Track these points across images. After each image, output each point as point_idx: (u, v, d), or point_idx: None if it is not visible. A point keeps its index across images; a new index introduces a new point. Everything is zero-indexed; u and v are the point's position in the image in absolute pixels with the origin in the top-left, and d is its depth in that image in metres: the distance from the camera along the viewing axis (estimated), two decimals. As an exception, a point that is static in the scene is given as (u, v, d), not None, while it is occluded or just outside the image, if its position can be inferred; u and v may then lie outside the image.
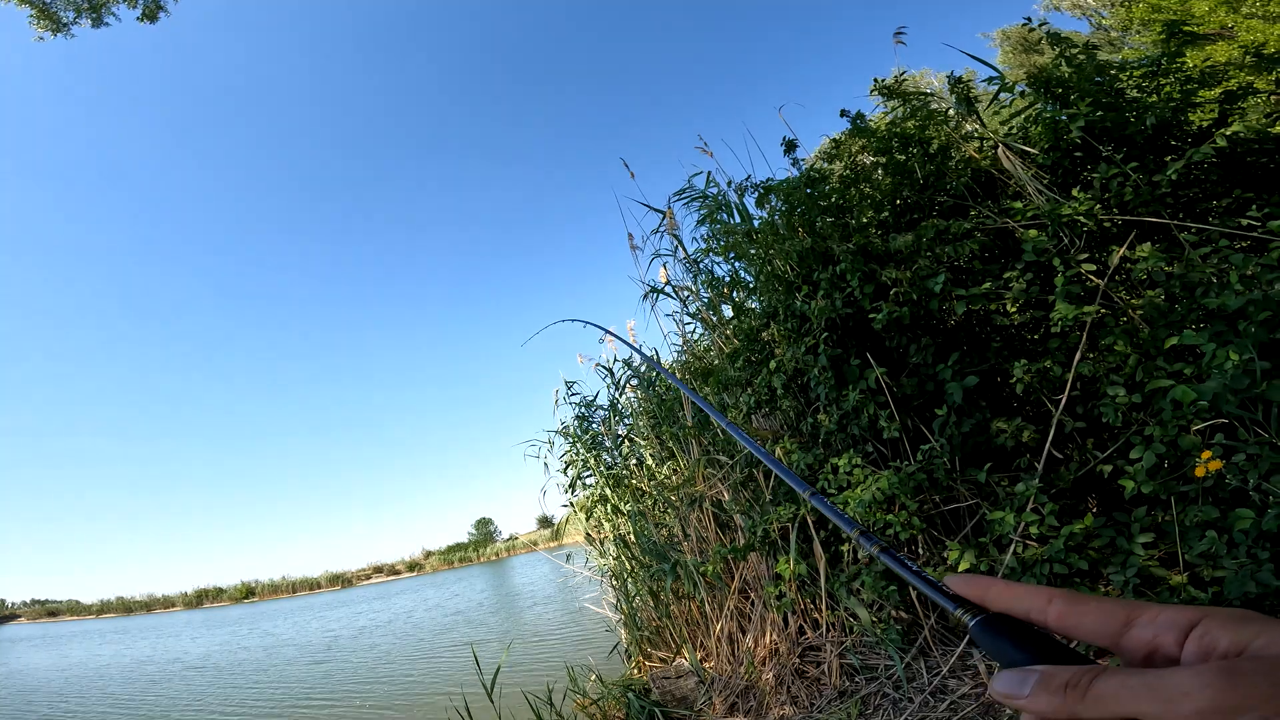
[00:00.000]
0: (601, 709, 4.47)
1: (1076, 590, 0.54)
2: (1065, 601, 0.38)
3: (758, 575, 3.88)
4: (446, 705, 5.34)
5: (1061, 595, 0.39)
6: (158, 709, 9.67)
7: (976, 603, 0.43)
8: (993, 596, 0.42)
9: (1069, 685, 0.33)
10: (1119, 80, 3.20)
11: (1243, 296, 2.15)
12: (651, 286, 5.23)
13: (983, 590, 0.43)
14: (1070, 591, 0.39)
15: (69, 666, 18.07)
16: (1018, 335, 3.34)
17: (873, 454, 3.36)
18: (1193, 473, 2.22)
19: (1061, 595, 0.39)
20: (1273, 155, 2.92)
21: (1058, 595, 0.39)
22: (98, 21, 8.15)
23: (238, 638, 20.66)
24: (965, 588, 0.44)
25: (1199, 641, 0.33)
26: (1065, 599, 0.39)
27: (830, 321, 3.34)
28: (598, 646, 7.24)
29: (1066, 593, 0.39)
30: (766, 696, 3.37)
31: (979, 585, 0.43)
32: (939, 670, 2.84)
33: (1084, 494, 3.02)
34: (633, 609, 5.34)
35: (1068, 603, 0.38)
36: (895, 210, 3.71)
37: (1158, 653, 0.35)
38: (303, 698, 8.96)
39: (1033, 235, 2.80)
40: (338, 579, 59.67)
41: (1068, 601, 0.38)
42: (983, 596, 0.43)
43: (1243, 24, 8.19)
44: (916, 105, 3.65)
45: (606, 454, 6.10)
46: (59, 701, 11.56)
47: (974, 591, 0.43)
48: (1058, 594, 0.39)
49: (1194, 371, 2.32)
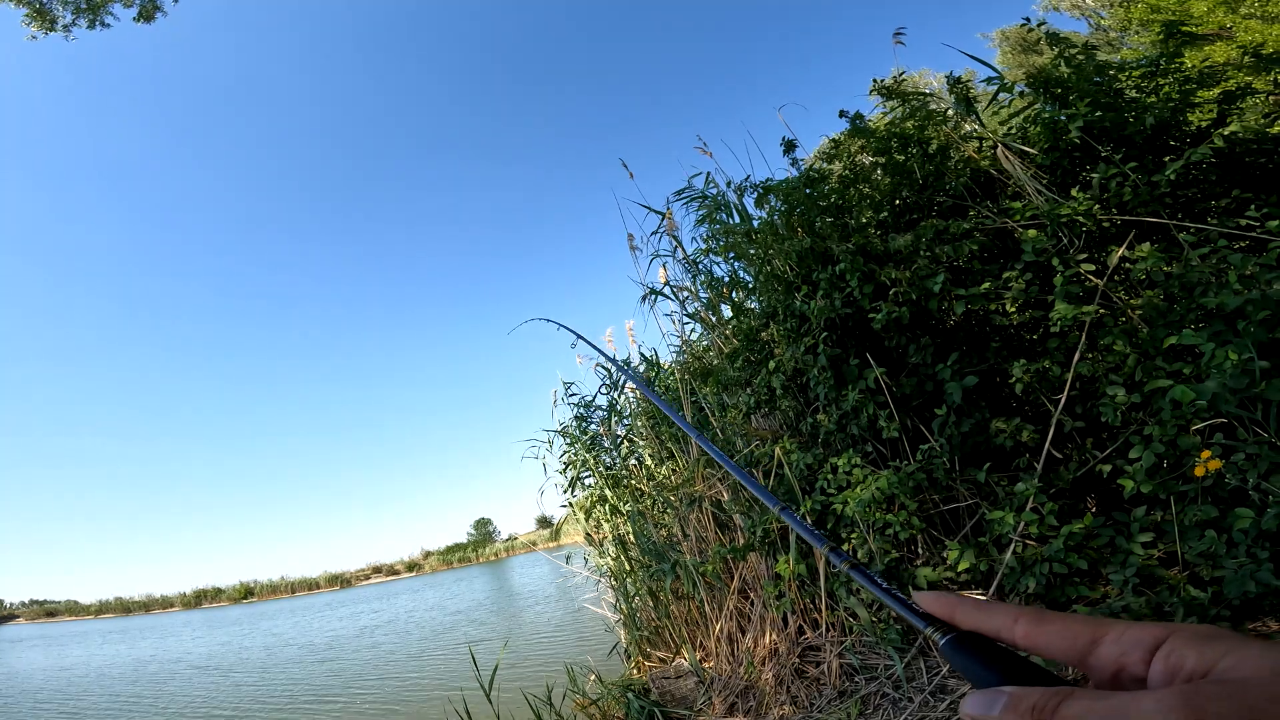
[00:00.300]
0: (601, 709, 4.47)
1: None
2: (1031, 621, 0.38)
3: (757, 575, 3.88)
4: (446, 705, 5.34)
5: (1027, 614, 0.39)
6: (164, 708, 9.66)
7: (946, 620, 0.43)
8: (960, 615, 0.42)
9: (1035, 709, 0.33)
10: (1118, 80, 3.21)
11: (1241, 296, 2.15)
12: (650, 288, 5.23)
13: (951, 608, 0.43)
14: (1037, 610, 0.39)
15: (71, 666, 18.05)
16: (1017, 335, 3.34)
17: (872, 454, 3.36)
18: (1192, 472, 2.22)
19: (1027, 614, 0.39)
20: (1271, 155, 2.92)
21: (1024, 614, 0.39)
22: (93, 23, 8.14)
23: (239, 637, 20.66)
24: (934, 605, 0.44)
25: (1165, 660, 0.33)
26: (1030, 618, 0.39)
27: (829, 321, 3.34)
28: (597, 646, 7.25)
29: (1033, 611, 0.39)
30: (766, 696, 3.37)
31: (947, 603, 0.43)
32: (938, 670, 2.84)
33: (1083, 494, 3.02)
34: (632, 609, 5.34)
35: (1033, 622, 0.38)
36: (894, 210, 3.71)
37: (1124, 671, 0.34)
38: (305, 696, 8.96)
39: (1032, 235, 2.80)
40: (336, 579, 59.59)
41: (1033, 621, 0.38)
42: (951, 615, 0.43)
43: (1241, 24, 8.21)
44: (915, 105, 3.66)
45: (605, 454, 6.10)
46: (64, 700, 11.56)
47: (942, 609, 0.43)
48: (1024, 613, 0.39)
49: (1193, 371, 2.33)
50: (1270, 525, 2.01)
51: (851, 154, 3.92)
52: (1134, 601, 2.29)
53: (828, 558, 0.59)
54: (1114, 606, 2.32)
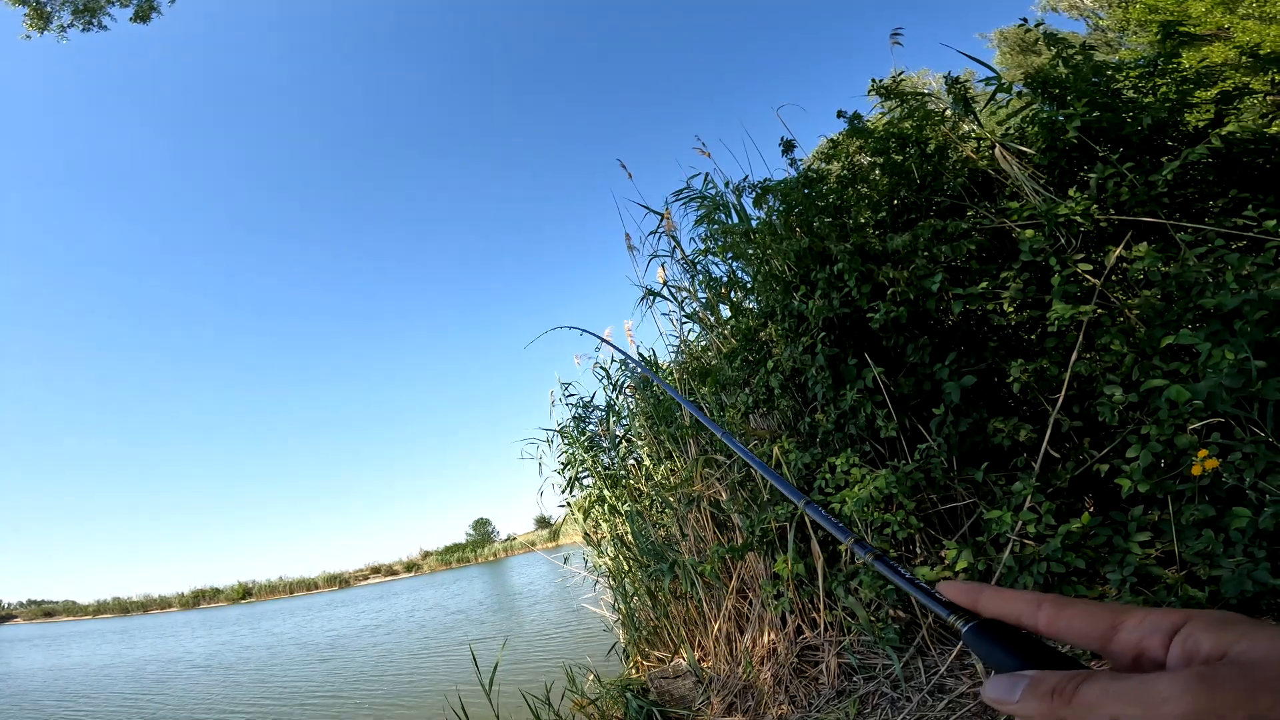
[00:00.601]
0: (599, 708, 4.47)
1: (1066, 594, 0.55)
2: (1053, 606, 0.39)
3: (755, 575, 3.88)
4: (444, 704, 5.34)
5: (1050, 600, 0.40)
6: (168, 706, 9.66)
7: (969, 608, 0.44)
8: (984, 602, 0.43)
9: (1055, 690, 0.34)
10: (1115, 81, 3.21)
11: (1238, 296, 2.15)
12: (648, 289, 5.23)
13: (974, 596, 0.44)
14: (1058, 596, 0.40)
15: (73, 666, 18.02)
16: (1014, 335, 3.35)
17: (870, 453, 3.36)
18: (1189, 472, 2.22)
19: (1050, 600, 0.40)
20: (1268, 155, 2.93)
21: (1046, 600, 0.40)
22: (89, 24, 8.13)
23: (240, 637, 20.65)
24: (957, 594, 0.45)
25: (1183, 645, 0.34)
26: (1053, 604, 0.39)
27: (828, 321, 3.34)
28: (596, 646, 7.25)
29: (1055, 598, 0.40)
30: (764, 696, 3.37)
31: (971, 591, 0.44)
32: (937, 670, 2.85)
33: (1081, 493, 3.02)
34: (630, 609, 5.34)
35: (1056, 607, 0.39)
36: (892, 210, 3.71)
37: (1144, 656, 0.35)
38: (307, 695, 8.95)
39: (1029, 235, 2.80)
40: (335, 579, 59.60)
41: (1056, 606, 0.39)
42: (974, 603, 0.44)
43: (1239, 25, 8.21)
44: (914, 105, 3.66)
45: (604, 454, 6.10)
46: (66, 701, 11.54)
47: (966, 598, 0.44)
48: (1046, 599, 0.40)
49: (1190, 371, 2.33)
50: (1267, 524, 2.01)
51: (850, 154, 3.92)
52: (1132, 601, 2.29)
53: (853, 549, 0.61)
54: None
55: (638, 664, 5.13)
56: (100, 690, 12.37)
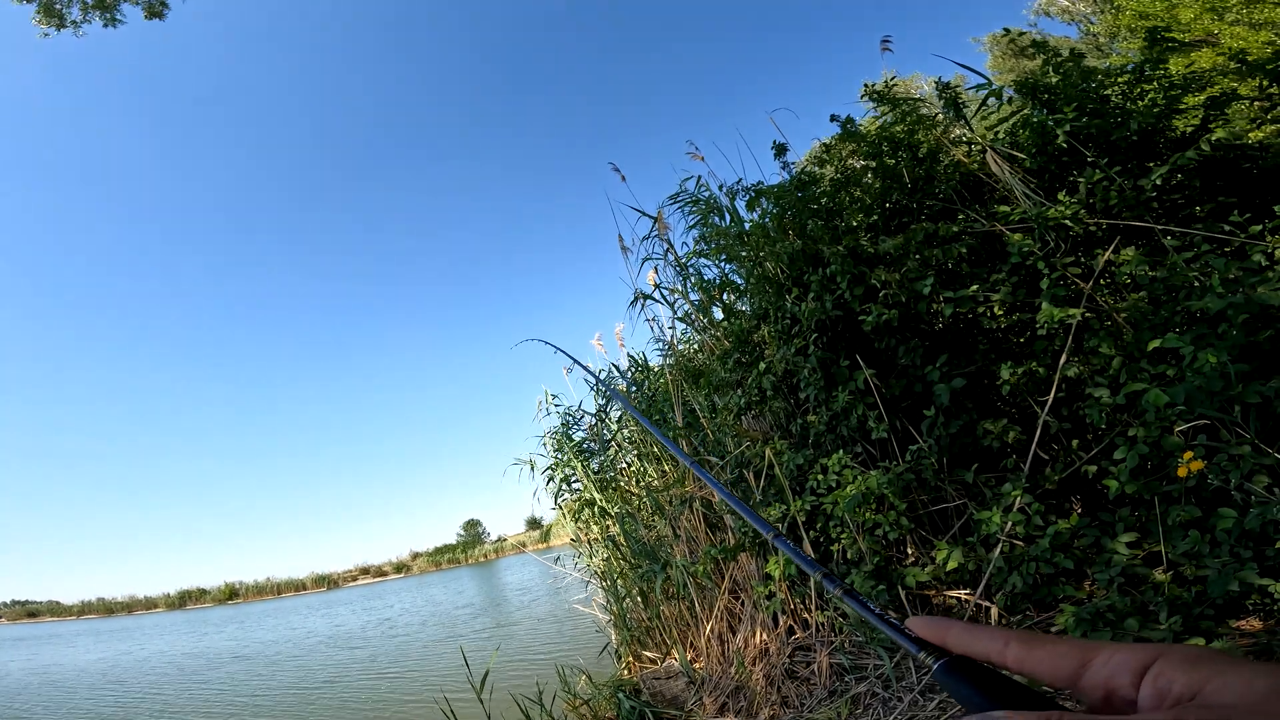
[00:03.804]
0: (592, 709, 4.47)
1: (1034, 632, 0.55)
2: (1021, 644, 0.39)
3: (747, 575, 3.89)
4: (434, 705, 5.32)
5: (1017, 638, 0.39)
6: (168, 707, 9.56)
7: (938, 645, 0.43)
8: (952, 639, 0.43)
9: None
10: (1105, 86, 3.25)
11: (1224, 299, 2.18)
12: (640, 292, 5.23)
13: (943, 632, 0.44)
14: (1027, 633, 0.39)
15: (73, 666, 17.81)
16: (1004, 338, 3.38)
17: (862, 454, 3.38)
18: (1175, 473, 2.25)
19: (1017, 638, 0.39)
20: (1255, 161, 2.96)
21: (1014, 638, 0.40)
22: (108, 21, 8.09)
23: (238, 636, 20.46)
24: (926, 630, 0.45)
25: (1154, 683, 0.33)
26: (1020, 642, 0.39)
27: (820, 323, 3.36)
28: (588, 647, 7.23)
29: (1022, 634, 0.40)
30: (757, 696, 3.38)
31: (939, 628, 0.44)
32: (927, 670, 2.86)
33: (1069, 494, 3.06)
34: (623, 610, 5.33)
35: (1024, 645, 0.39)
36: (885, 213, 3.73)
37: (1115, 694, 0.35)
38: (299, 696, 8.89)
39: (1018, 239, 2.83)
40: (323, 580, 59.13)
41: (1024, 644, 0.39)
42: (943, 639, 0.43)
43: (1227, 30, 8.32)
44: (906, 110, 3.69)
45: (594, 459, 6.10)
46: (71, 700, 11.41)
47: (935, 634, 0.44)
48: (1014, 636, 0.40)
49: (1176, 374, 2.36)
50: (1253, 525, 2.04)
51: (842, 158, 3.95)
52: (1119, 601, 2.31)
53: (823, 584, 0.60)
54: (1099, 605, 2.34)
55: (630, 664, 5.12)
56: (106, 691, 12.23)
